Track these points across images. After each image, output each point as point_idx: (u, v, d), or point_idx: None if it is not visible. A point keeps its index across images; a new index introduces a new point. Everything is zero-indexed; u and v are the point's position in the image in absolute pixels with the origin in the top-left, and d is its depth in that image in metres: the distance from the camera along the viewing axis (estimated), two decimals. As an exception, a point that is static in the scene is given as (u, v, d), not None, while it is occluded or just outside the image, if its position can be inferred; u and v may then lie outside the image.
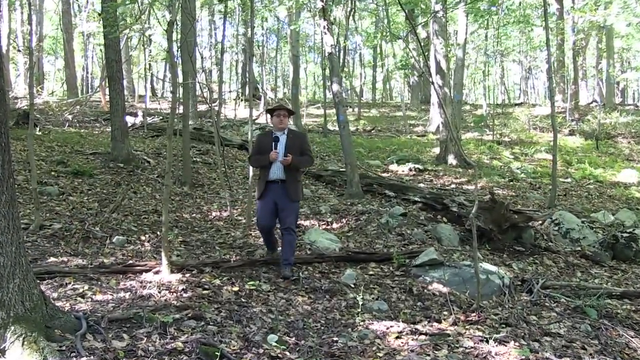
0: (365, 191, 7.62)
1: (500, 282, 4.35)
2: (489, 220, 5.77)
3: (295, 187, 4.26)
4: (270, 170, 4.25)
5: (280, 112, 4.32)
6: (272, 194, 4.23)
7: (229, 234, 5.80)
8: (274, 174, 4.25)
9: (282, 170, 4.23)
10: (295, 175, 4.30)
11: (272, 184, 4.24)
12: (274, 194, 4.23)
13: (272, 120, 4.39)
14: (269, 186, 4.24)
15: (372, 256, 4.97)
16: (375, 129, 16.84)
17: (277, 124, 4.33)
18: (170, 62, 4.59)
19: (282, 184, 4.23)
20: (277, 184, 4.22)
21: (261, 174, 4.34)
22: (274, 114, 4.35)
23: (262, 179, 4.31)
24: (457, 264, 4.66)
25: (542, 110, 19.15)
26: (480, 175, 9.49)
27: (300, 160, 4.30)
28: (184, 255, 4.83)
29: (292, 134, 4.40)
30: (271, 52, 29.20)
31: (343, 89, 12.81)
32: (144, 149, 9.60)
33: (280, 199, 4.22)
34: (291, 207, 4.25)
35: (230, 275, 4.21)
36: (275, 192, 4.23)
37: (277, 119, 4.32)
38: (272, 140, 4.26)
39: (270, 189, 4.24)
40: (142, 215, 6.10)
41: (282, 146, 4.26)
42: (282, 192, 4.22)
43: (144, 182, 7.56)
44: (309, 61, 31.53)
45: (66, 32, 18.07)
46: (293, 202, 4.24)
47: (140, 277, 3.96)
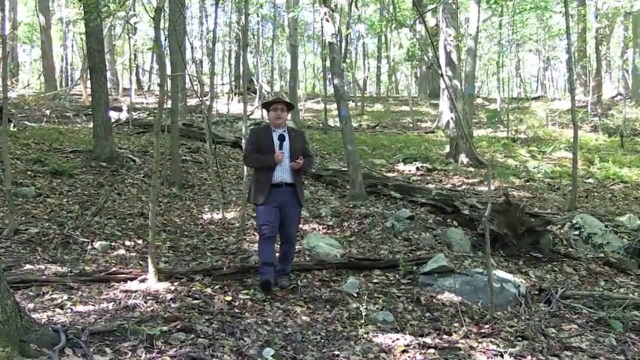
0: (369, 192, 7.62)
1: (515, 291, 4.35)
2: (503, 224, 5.77)
3: (301, 190, 4.21)
4: (275, 173, 4.08)
5: (277, 106, 4.15)
6: (278, 199, 4.06)
7: (221, 238, 5.80)
8: (280, 176, 4.08)
9: (289, 173, 4.11)
10: (300, 178, 4.24)
11: (277, 187, 4.08)
12: (280, 198, 4.07)
13: (269, 115, 4.21)
14: (273, 190, 4.06)
15: (376, 263, 4.97)
16: (380, 125, 16.85)
17: (274, 119, 4.15)
18: (158, 52, 4.58)
19: (289, 188, 4.11)
20: (282, 188, 4.08)
21: (260, 175, 4.13)
22: (270, 108, 4.18)
23: (262, 181, 4.10)
24: (469, 272, 4.65)
25: (561, 104, 19.16)
26: (494, 175, 9.49)
27: (308, 163, 4.21)
28: (173, 262, 4.83)
29: (294, 132, 4.28)
30: (267, 42, 29.23)
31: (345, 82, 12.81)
32: (129, 147, 9.61)
33: (287, 204, 4.09)
34: (297, 213, 4.21)
35: (223, 283, 4.21)
36: (282, 197, 4.07)
37: (274, 113, 4.15)
38: (279, 139, 4.10)
39: (276, 193, 4.06)
40: (127, 219, 6.10)
41: (287, 146, 4.12)
42: (289, 197, 4.10)
43: (128, 183, 7.56)
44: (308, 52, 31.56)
45: (43, 19, 18.06)
46: (299, 206, 4.20)
47: (124, 286, 3.95)
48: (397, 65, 24.86)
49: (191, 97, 17.03)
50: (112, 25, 18.04)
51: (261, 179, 4.09)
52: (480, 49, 24.85)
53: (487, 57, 26.96)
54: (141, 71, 27.47)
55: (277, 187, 4.07)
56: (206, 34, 24.42)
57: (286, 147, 4.12)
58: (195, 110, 15.99)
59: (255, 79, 20.38)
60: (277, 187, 4.07)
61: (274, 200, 4.05)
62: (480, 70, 30.81)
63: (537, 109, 16.96)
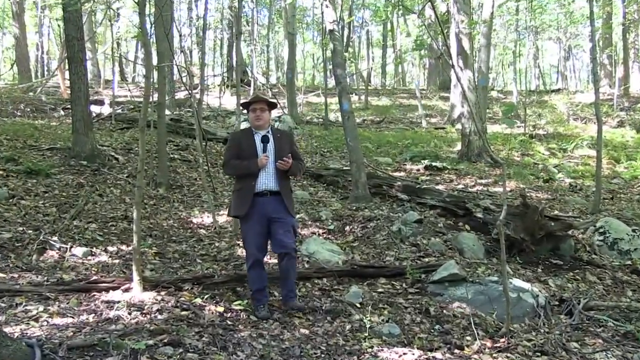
0: (374, 194, 7.62)
1: (534, 301, 4.35)
2: (520, 228, 5.76)
3: (290, 198, 4.00)
4: (258, 180, 3.88)
5: (256, 106, 3.99)
6: (262, 210, 3.84)
7: (212, 244, 5.79)
8: (263, 183, 3.88)
9: (274, 179, 3.90)
10: (288, 184, 4.04)
11: (260, 197, 3.86)
12: (265, 209, 3.85)
13: (249, 117, 4.07)
14: (257, 201, 3.85)
15: (381, 270, 4.97)
16: (386, 121, 16.86)
17: (254, 120, 3.99)
18: (143, 40, 4.58)
19: (275, 197, 3.90)
20: (266, 197, 3.87)
21: (242, 184, 3.93)
22: (249, 109, 4.04)
23: (244, 191, 3.89)
24: (483, 280, 4.65)
25: (584, 97, 19.15)
26: (510, 175, 9.49)
27: (297, 166, 4.01)
28: (159, 270, 4.83)
29: (280, 134, 4.11)
30: (262, 30, 29.24)
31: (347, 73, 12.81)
32: (111, 144, 9.60)
33: (275, 213, 3.86)
34: (289, 222, 3.91)
35: (214, 293, 4.21)
36: (267, 207, 3.85)
37: (253, 114, 3.99)
38: (262, 141, 3.92)
39: (259, 204, 3.85)
40: (109, 223, 6.09)
41: (271, 148, 3.96)
42: (276, 206, 3.88)
43: (111, 183, 7.56)
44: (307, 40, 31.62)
45: (16, 4, 18.05)
46: (291, 216, 3.93)
47: (106, 296, 3.95)
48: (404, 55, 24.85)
49: (180, 90, 17.04)
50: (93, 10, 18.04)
51: (243, 188, 3.91)
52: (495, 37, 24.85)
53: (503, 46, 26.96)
54: (125, 61, 27.47)
55: (261, 197, 3.86)
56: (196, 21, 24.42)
57: (270, 150, 3.93)
58: (184, 104, 15.98)
59: (250, 70, 20.39)
60: (261, 196, 3.86)
61: (258, 213, 3.84)
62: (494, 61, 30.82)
63: (558, 102, 16.95)
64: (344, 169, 8.86)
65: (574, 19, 23.68)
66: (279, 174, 3.93)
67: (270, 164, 3.92)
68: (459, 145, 11.46)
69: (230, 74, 22.34)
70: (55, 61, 22.38)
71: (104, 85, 19.23)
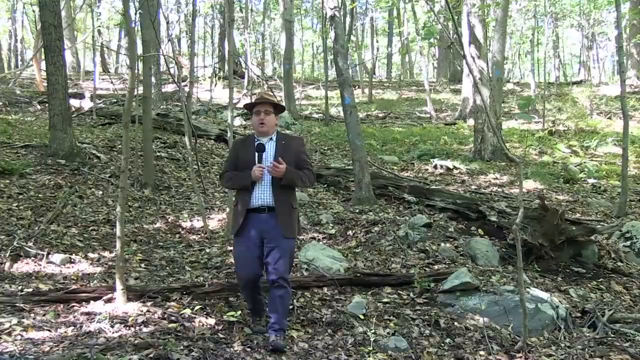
0: (379, 195, 7.62)
1: (553, 313, 4.35)
2: (538, 232, 5.76)
3: (289, 216, 3.72)
4: (253, 194, 3.68)
5: (261, 108, 3.76)
6: (256, 228, 3.67)
7: (202, 250, 5.80)
8: (258, 198, 3.68)
9: (269, 193, 3.68)
10: (289, 198, 3.75)
11: (254, 213, 3.68)
12: (258, 227, 3.67)
13: (252, 121, 3.85)
14: (251, 217, 3.68)
15: (386, 279, 4.96)
16: (391, 116, 16.87)
17: (257, 125, 3.77)
18: (127, 28, 4.59)
19: (270, 214, 3.68)
20: (262, 214, 3.68)
21: (238, 198, 3.82)
22: (253, 111, 3.82)
23: (239, 206, 3.76)
24: (497, 290, 4.65)
25: (609, 89, 19.16)
26: (527, 175, 9.50)
27: (298, 173, 3.74)
28: (145, 279, 4.83)
29: (284, 139, 3.87)
30: (257, 17, 29.27)
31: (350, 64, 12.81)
32: (92, 141, 9.61)
33: (268, 234, 3.65)
34: (283, 246, 3.66)
35: (205, 303, 4.20)
36: (260, 225, 3.67)
37: (256, 118, 3.77)
38: (256, 150, 3.70)
39: (253, 221, 3.68)
40: (90, 227, 6.10)
41: (269, 158, 3.72)
42: (270, 225, 3.66)
43: (92, 184, 7.56)
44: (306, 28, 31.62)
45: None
46: (286, 239, 3.67)
47: (87, 307, 3.95)
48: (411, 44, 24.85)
49: (167, 82, 17.04)
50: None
51: (239, 203, 3.77)
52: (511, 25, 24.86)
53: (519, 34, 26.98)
54: (107, 51, 27.49)
55: (256, 213, 3.68)
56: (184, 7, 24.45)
57: (267, 160, 3.69)
58: (171, 97, 15.98)
59: (243, 61, 20.40)
60: (256, 212, 3.68)
61: (251, 230, 3.67)
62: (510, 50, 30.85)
63: (580, 95, 16.97)
64: (346, 169, 8.86)
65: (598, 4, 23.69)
66: (278, 188, 3.68)
67: (266, 177, 3.68)
68: (471, 143, 11.47)
69: (222, 65, 22.36)
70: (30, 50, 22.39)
71: (84, 77, 19.24)
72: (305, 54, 34.30)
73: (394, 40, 29.58)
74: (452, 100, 19.04)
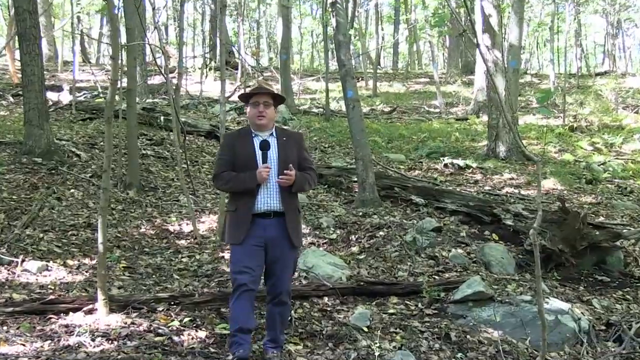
0: (384, 197, 7.62)
1: (575, 325, 4.34)
2: (558, 237, 5.76)
3: (297, 223, 3.71)
4: (258, 198, 3.56)
5: (259, 99, 3.65)
6: (263, 236, 3.56)
7: (192, 256, 5.79)
8: (264, 202, 3.57)
9: (277, 196, 3.59)
10: (295, 203, 3.71)
11: (260, 218, 3.57)
12: (264, 234, 3.56)
13: (248, 113, 3.74)
14: (257, 223, 3.56)
15: (392, 288, 4.97)
16: (398, 110, 16.87)
17: (255, 118, 3.64)
18: (109, 15, 4.59)
19: (279, 220, 3.59)
20: (268, 219, 3.58)
21: (238, 202, 3.63)
22: (249, 102, 3.70)
23: (241, 211, 3.59)
24: (514, 300, 4.65)
25: (636, 81, 19.17)
26: (546, 175, 9.50)
27: (306, 178, 3.68)
28: (129, 288, 4.83)
29: (286, 136, 3.76)
30: (251, 2, 29.30)
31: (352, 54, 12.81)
32: (71, 138, 9.61)
33: (274, 242, 3.57)
34: (289, 258, 3.64)
35: (195, 315, 4.21)
36: (269, 232, 3.57)
37: (254, 109, 3.65)
38: (261, 148, 3.59)
39: (260, 228, 3.56)
40: (69, 231, 6.10)
41: (273, 156, 3.62)
42: (277, 232, 3.58)
43: (71, 185, 7.56)
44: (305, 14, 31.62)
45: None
46: (293, 249, 3.65)
47: (65, 319, 3.95)
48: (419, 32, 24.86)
49: (153, 74, 17.04)
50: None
51: (239, 208, 3.60)
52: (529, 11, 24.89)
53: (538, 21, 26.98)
54: (87, 39, 27.50)
55: (261, 219, 3.57)
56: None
57: (273, 159, 3.60)
58: (158, 90, 15.98)
59: (237, 51, 20.41)
60: (261, 217, 3.57)
61: (256, 237, 3.55)
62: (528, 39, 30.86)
63: (604, 88, 16.95)
64: (348, 168, 8.86)
65: (623, -12, 23.66)
66: (285, 191, 3.60)
67: (273, 178, 3.57)
68: (485, 140, 11.47)
69: (214, 55, 22.37)
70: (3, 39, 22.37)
71: (63, 67, 19.25)
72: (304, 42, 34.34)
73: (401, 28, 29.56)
74: (464, 94, 19.04)
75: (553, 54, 20.87)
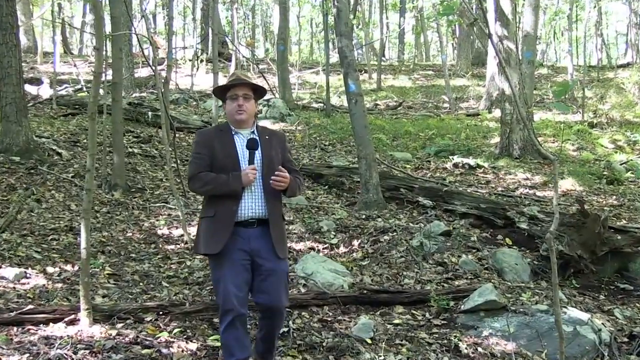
0: (389, 198, 7.62)
1: (595, 337, 4.34)
2: (576, 242, 5.76)
3: (282, 232, 3.56)
4: (242, 203, 3.40)
5: (238, 92, 3.51)
6: (244, 246, 3.39)
7: (182, 262, 5.79)
8: (248, 208, 3.42)
9: (262, 201, 3.44)
10: (280, 210, 3.58)
11: (243, 227, 3.41)
12: (248, 245, 3.39)
13: (226, 108, 3.59)
14: (239, 233, 3.39)
15: (398, 296, 4.97)
16: (404, 105, 16.88)
17: (234, 113, 3.50)
18: (93, 2, 4.59)
19: (263, 229, 3.44)
20: (251, 228, 3.42)
21: (216, 207, 3.45)
22: (227, 96, 3.57)
23: (219, 218, 3.42)
24: (528, 309, 4.65)
25: (661, 74, 19.14)
26: (564, 175, 9.49)
27: (297, 183, 3.56)
28: (115, 296, 4.82)
29: (268, 135, 3.63)
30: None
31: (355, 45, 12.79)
32: (52, 135, 9.61)
33: (260, 254, 3.40)
34: (281, 270, 3.46)
35: (185, 325, 4.20)
36: (251, 243, 3.40)
37: (232, 104, 3.51)
38: (248, 147, 3.44)
39: (241, 238, 3.39)
40: (50, 236, 6.09)
41: (259, 157, 3.48)
42: (262, 243, 3.42)
43: (52, 185, 7.56)
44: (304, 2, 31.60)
45: None
46: (282, 260, 3.48)
47: (45, 330, 3.94)
48: (427, 21, 24.87)
49: (141, 66, 17.05)
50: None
51: (218, 213, 3.42)
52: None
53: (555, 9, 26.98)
54: (69, 29, 27.50)
55: (244, 228, 3.41)
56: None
57: (259, 160, 3.46)
58: (146, 84, 15.99)
59: (230, 41, 20.40)
60: (244, 226, 3.41)
61: (239, 251, 3.38)
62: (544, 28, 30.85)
63: (626, 81, 16.95)
64: (351, 167, 8.86)
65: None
66: (271, 196, 3.46)
67: (258, 181, 3.44)
68: (497, 137, 11.47)
69: (205, 46, 22.38)
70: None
71: (42, 59, 19.25)
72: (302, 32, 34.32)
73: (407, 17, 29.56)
74: (475, 88, 19.04)
75: (571, 44, 20.83)
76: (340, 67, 8.47)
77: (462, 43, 23.45)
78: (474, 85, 19.56)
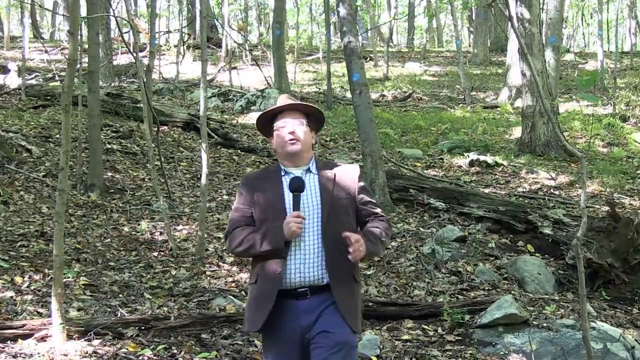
0: (397, 200, 7.61)
1: (627, 355, 4.34)
2: (606, 249, 5.75)
3: (354, 299, 3.02)
4: (288, 265, 2.91)
5: (287, 118, 3.02)
6: (296, 326, 2.92)
7: (167, 271, 5.79)
8: (297, 272, 2.91)
9: (319, 262, 2.92)
10: (350, 269, 2.98)
11: (290, 299, 2.93)
12: (301, 322, 2.91)
13: (275, 141, 3.08)
14: (286, 306, 2.92)
15: (407, 309, 4.97)
16: (414, 96, 16.87)
17: (284, 145, 3.01)
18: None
19: (320, 298, 2.93)
20: (305, 300, 2.92)
21: (259, 270, 3.00)
22: (274, 123, 3.06)
23: (261, 285, 2.97)
24: (553, 324, 4.65)
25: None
26: (592, 174, 9.49)
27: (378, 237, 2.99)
28: (91, 309, 4.82)
29: (333, 170, 3.10)
30: (237, -34, 29.29)
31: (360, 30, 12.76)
32: (21, 129, 9.61)
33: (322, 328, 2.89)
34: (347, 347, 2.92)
35: (170, 341, 4.20)
36: (302, 320, 2.90)
37: (280, 135, 3.02)
38: (291, 189, 2.94)
39: (288, 313, 2.93)
40: (18, 242, 6.09)
41: (312, 201, 2.98)
42: (327, 316, 2.91)
43: (21, 185, 7.56)
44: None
45: None
46: (353, 334, 2.96)
47: (14, 347, 3.94)
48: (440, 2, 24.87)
49: (120, 53, 17.05)
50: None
51: (261, 281, 2.98)
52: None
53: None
54: (39, 11, 27.50)
55: (291, 299, 2.93)
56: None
57: (310, 205, 2.97)
58: (126, 72, 15.98)
59: (220, 25, 20.41)
60: (292, 297, 2.93)
61: (287, 329, 2.93)
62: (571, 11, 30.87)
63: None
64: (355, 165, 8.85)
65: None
66: (336, 254, 2.92)
67: (313, 234, 2.95)
68: (518, 132, 11.47)
69: (192, 30, 22.36)
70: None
71: (9, 44, 19.25)
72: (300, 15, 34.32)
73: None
74: (494, 76, 19.04)
75: (601, 28, 20.83)
76: (343, 54, 8.47)
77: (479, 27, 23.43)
78: (492, 74, 19.55)
